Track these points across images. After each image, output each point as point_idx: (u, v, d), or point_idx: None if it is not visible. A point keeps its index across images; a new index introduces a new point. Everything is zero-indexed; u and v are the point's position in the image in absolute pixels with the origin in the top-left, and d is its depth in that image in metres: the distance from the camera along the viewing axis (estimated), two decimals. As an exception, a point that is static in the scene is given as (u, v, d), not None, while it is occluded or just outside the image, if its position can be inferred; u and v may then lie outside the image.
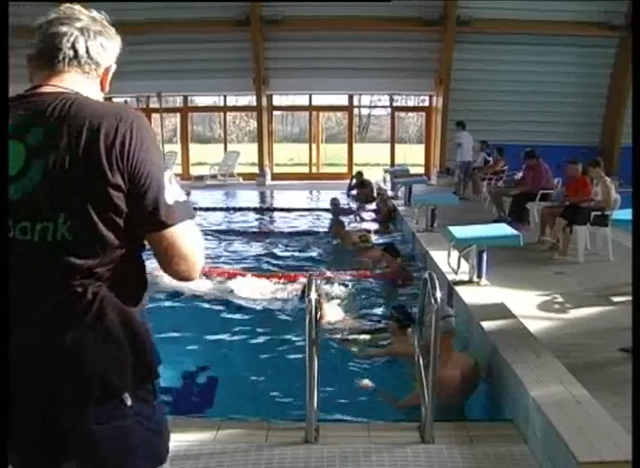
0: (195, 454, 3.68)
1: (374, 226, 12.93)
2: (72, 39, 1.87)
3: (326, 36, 19.78)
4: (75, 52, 1.88)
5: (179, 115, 24.39)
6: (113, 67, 2.06)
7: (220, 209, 16.21)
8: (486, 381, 4.82)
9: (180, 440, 3.75)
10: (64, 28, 1.87)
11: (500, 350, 4.61)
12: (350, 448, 3.74)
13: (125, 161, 1.70)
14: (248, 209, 16.28)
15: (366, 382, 5.17)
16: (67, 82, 1.86)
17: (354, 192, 17.40)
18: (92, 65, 1.93)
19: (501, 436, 3.90)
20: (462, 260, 7.05)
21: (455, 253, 7.20)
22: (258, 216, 15.40)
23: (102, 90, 2.02)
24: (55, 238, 1.71)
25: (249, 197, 18.52)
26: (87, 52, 1.90)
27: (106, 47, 2.00)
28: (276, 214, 15.88)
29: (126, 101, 25.25)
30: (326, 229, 12.53)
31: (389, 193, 16.25)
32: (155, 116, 23.01)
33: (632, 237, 3.99)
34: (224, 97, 24.22)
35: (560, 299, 6.61)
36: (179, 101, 24.47)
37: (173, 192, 1.77)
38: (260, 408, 4.67)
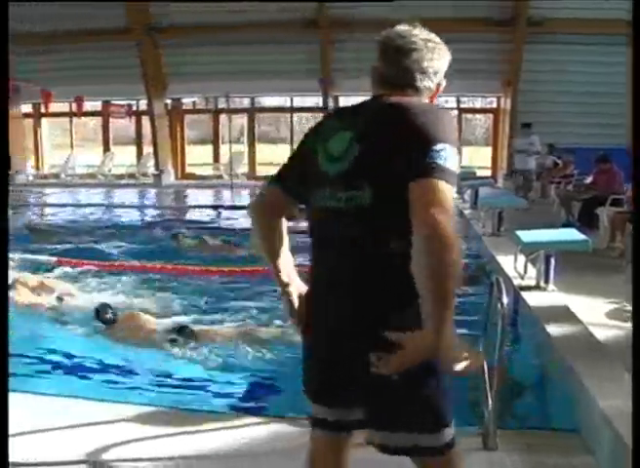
0: (254, 453, 3.71)
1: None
2: (413, 64, 2.26)
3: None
4: (412, 76, 2.26)
5: (246, 116, 24.67)
6: (443, 84, 2.36)
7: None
8: (548, 389, 4.73)
9: (238, 440, 3.80)
10: (406, 51, 2.27)
11: (566, 357, 4.51)
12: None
13: (410, 143, 2.03)
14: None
15: None
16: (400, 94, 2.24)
17: None
18: (425, 85, 2.29)
19: (564, 446, 3.81)
20: (529, 265, 6.93)
21: (522, 258, 7.09)
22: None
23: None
24: (360, 206, 2.08)
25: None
26: (422, 73, 2.27)
27: (438, 66, 2.31)
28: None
29: (194, 102, 25.68)
30: None
31: (455, 195, 16.09)
32: (223, 117, 23.35)
33: (633, 241, 3.88)
34: (291, 98, 24.40)
35: (630, 308, 6.43)
36: (246, 102, 24.75)
37: (438, 156, 2.02)
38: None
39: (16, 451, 3.60)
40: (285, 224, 2.44)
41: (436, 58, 2.28)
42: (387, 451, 2.23)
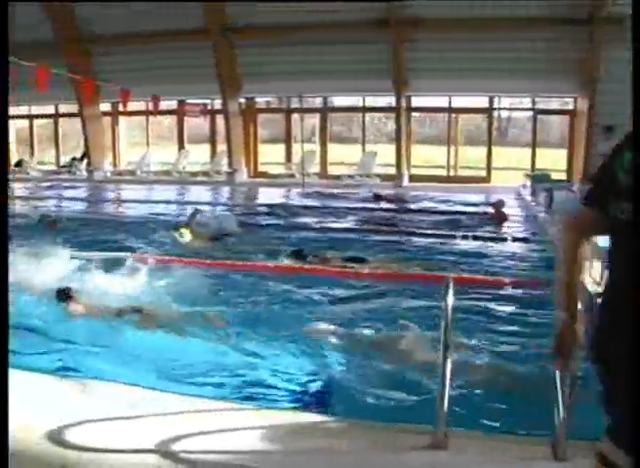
0: (323, 450, 3.73)
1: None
2: None
3: (467, 37, 19.48)
4: None
5: (318, 115, 24.76)
6: None
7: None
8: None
9: (306, 437, 3.83)
10: None
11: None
12: (479, 459, 3.66)
13: None
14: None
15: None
16: None
17: None
18: None
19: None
20: (606, 271, 6.73)
21: (597, 264, 6.91)
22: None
23: None
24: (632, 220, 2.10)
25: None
26: None
27: None
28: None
29: (268, 102, 25.91)
30: None
31: (528, 199, 15.83)
32: (295, 116, 23.48)
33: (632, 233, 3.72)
34: (363, 97, 24.38)
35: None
36: (318, 102, 24.83)
37: None
38: (386, 408, 4.64)
39: (93, 437, 3.75)
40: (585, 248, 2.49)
41: None
42: None
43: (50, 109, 28.27)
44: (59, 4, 22.64)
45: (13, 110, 28.65)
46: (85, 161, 26.62)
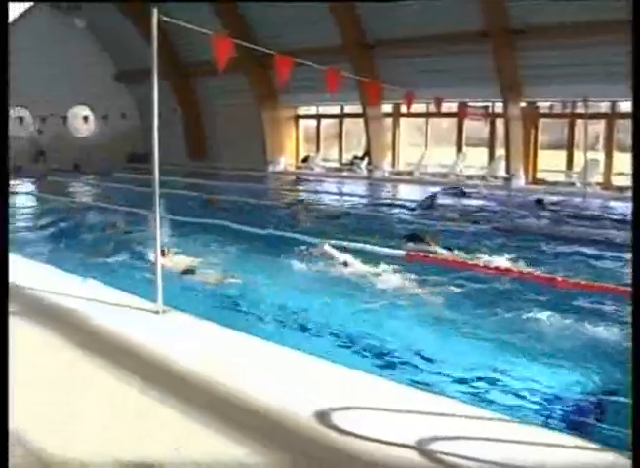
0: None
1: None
2: None
3: None
4: None
5: (603, 122, 23.54)
6: None
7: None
8: None
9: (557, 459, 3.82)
10: None
11: None
12: None
13: None
14: None
15: None
16: None
17: None
18: None
19: None
20: None
21: None
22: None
23: None
24: None
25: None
26: None
27: None
28: None
29: (551, 107, 25.14)
30: None
31: None
32: (579, 122, 22.57)
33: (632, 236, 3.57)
34: (656, 103, 22.71)
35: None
36: (604, 107, 23.60)
37: None
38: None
39: (355, 424, 4.06)
40: None
41: None
42: None
43: (336, 110, 30.05)
44: (346, 11, 23.98)
45: (302, 110, 30.98)
46: (366, 160, 27.88)
